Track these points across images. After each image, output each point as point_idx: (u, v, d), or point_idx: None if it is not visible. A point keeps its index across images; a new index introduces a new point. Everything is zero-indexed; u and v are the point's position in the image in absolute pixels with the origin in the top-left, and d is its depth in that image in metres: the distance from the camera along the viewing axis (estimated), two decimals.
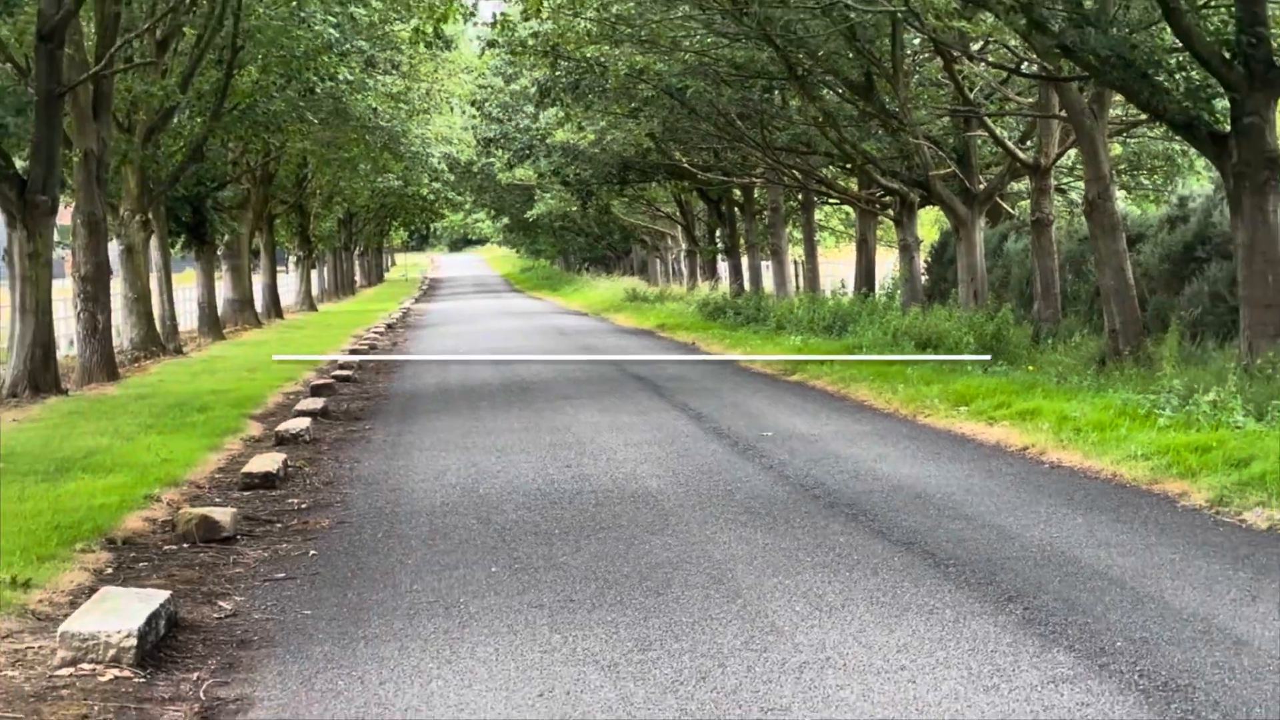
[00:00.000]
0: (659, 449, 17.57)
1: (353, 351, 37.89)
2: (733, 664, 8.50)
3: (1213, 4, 23.22)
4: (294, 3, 33.93)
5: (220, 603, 10.30)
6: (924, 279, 41.81)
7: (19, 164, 25.15)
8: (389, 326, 51.68)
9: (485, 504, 14.13)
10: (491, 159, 66.95)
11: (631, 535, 12.42)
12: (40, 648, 8.56)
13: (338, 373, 29.69)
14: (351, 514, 13.92)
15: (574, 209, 73.03)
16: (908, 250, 40.90)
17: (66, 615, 8.95)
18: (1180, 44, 21.93)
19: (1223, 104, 22.14)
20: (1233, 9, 22.17)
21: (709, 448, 17.71)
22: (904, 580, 10.55)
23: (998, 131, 34.87)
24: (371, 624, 9.62)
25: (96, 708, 7.69)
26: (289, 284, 76.65)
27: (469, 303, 68.74)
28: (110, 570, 11.05)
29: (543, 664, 8.59)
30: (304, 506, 14.32)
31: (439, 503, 14.49)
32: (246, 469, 15.96)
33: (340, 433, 20.33)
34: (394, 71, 46.43)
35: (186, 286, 51.14)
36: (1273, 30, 22.26)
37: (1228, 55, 21.53)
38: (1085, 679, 8.13)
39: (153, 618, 8.66)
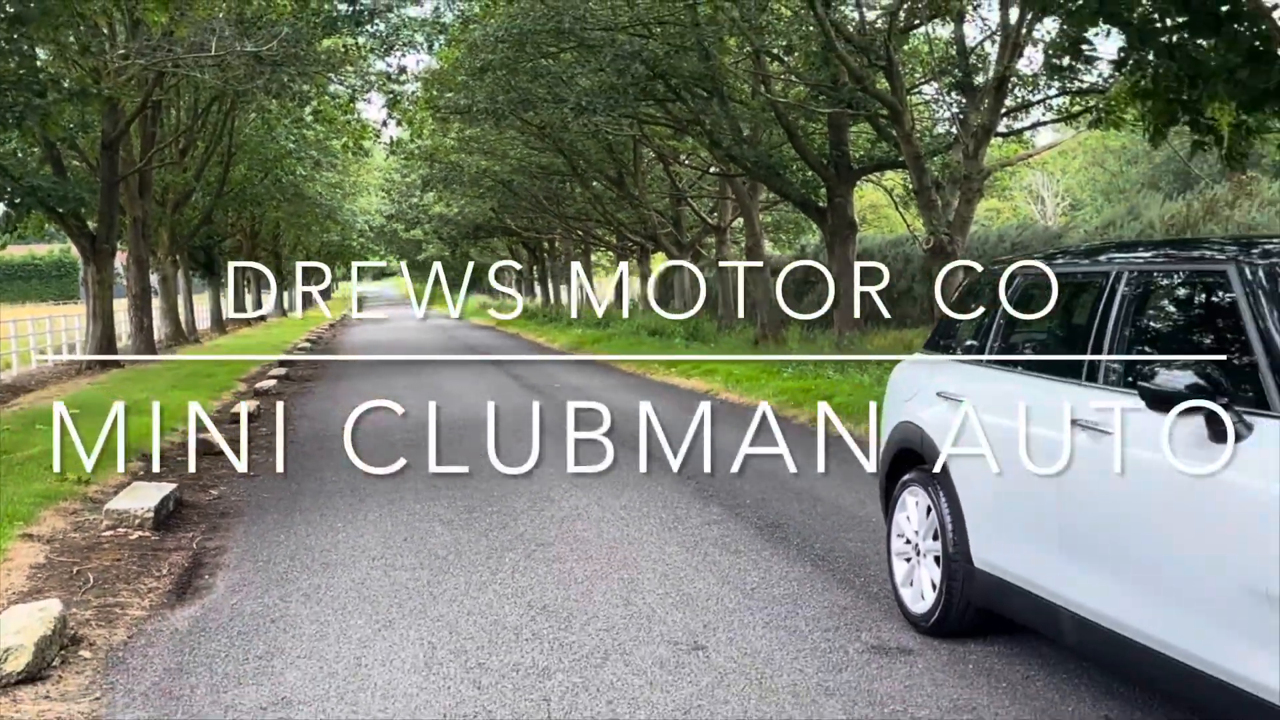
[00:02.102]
0: (491, 395, 17.52)
1: (307, 340, 37.21)
2: (522, 519, 8.59)
3: (815, 133, 23.68)
4: (266, 127, 33.34)
5: (210, 491, 10.12)
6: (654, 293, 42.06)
7: (91, 225, 24.51)
8: (331, 326, 50.85)
9: (380, 427, 13.94)
10: (395, 225, 66.07)
11: (467, 444, 12.41)
12: (93, 519, 8.38)
13: (297, 352, 29.22)
14: (298, 436, 13.74)
15: (447, 254, 72.52)
16: (644, 278, 41.29)
17: (110, 499, 8.80)
18: (799, 155, 22.39)
19: (823, 191, 22.68)
20: (828, 135, 22.71)
21: (520, 394, 17.73)
22: (630, 470, 10.68)
23: (696, 206, 35.36)
24: (304, 501, 9.54)
25: (126, 554, 7.56)
26: (268, 301, 75.21)
27: (381, 310, 67.84)
28: (141, 473, 10.79)
29: (409, 521, 8.62)
30: (269, 432, 14.09)
31: (352, 427, 14.36)
32: (234, 410, 15.67)
33: (295, 389, 20.00)
34: (332, 169, 45.54)
35: (203, 304, 50.09)
36: (850, 148, 22.82)
37: (825, 162, 22.07)
38: (727, 521, 8.35)
39: (165, 500, 8.52)
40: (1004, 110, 19.63)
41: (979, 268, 6.26)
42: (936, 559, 5.65)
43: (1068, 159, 52.67)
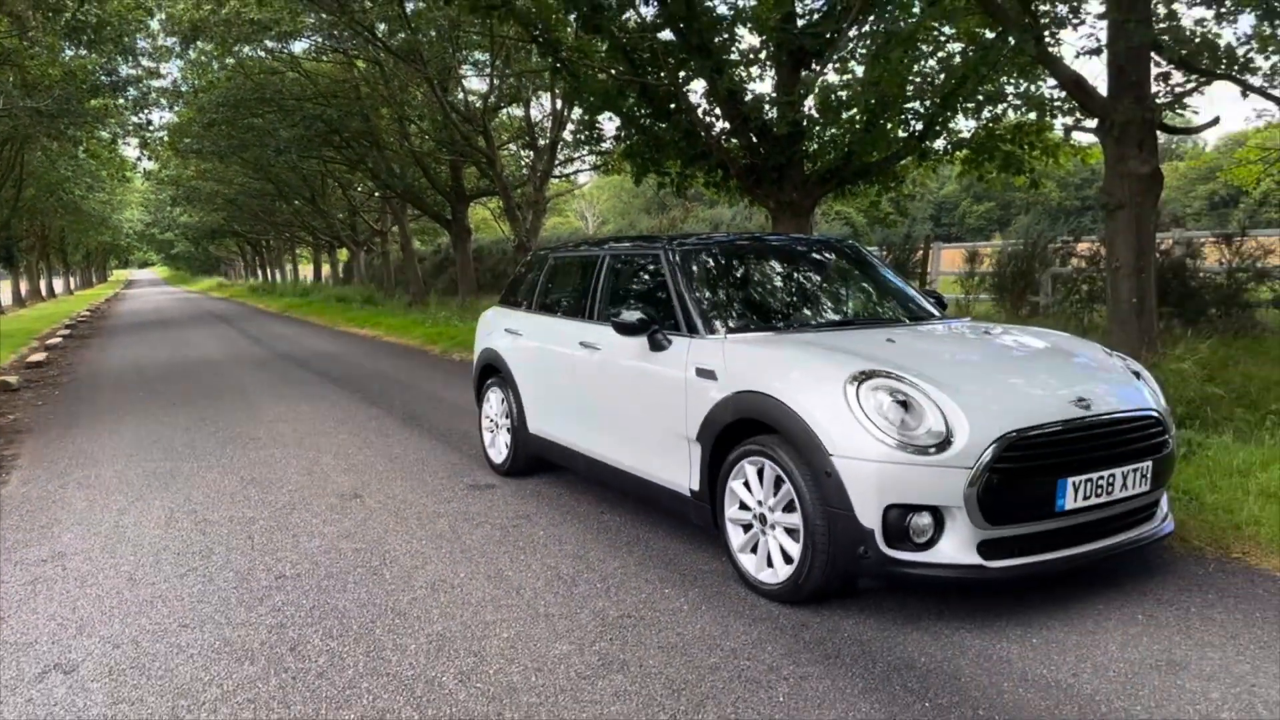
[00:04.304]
0: (223, 344, 15.94)
1: (88, 310, 32.27)
2: (241, 424, 7.95)
3: (441, 171, 22.98)
4: (49, 160, 28.55)
5: (9, 416, 8.68)
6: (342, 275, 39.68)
7: None
8: (108, 300, 44.32)
9: (140, 367, 12.46)
10: (152, 230, 58.36)
11: (202, 376, 11.26)
12: None
13: (79, 320, 25.37)
14: (79, 376, 11.99)
15: (193, 250, 65.16)
16: (333, 264, 38.84)
17: None
18: (432, 185, 21.70)
19: (449, 208, 22.03)
20: (450, 173, 22.11)
21: (243, 342, 16.28)
22: (318, 388, 10.04)
23: (366, 217, 33.58)
24: (80, 420, 8.37)
25: None
26: (59, 283, 64.56)
27: (146, 289, 59.78)
28: None
29: (156, 429, 7.72)
30: (55, 374, 12.20)
31: (119, 368, 12.65)
32: (28, 360, 13.48)
33: (78, 344, 17.40)
34: (102, 190, 39.38)
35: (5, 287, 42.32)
36: (464, 181, 22.32)
37: (449, 190, 21.52)
38: (383, 417, 8.00)
39: None
40: (557, 161, 19.93)
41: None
42: (509, 430, 5.74)
43: (601, 192, 54.24)
